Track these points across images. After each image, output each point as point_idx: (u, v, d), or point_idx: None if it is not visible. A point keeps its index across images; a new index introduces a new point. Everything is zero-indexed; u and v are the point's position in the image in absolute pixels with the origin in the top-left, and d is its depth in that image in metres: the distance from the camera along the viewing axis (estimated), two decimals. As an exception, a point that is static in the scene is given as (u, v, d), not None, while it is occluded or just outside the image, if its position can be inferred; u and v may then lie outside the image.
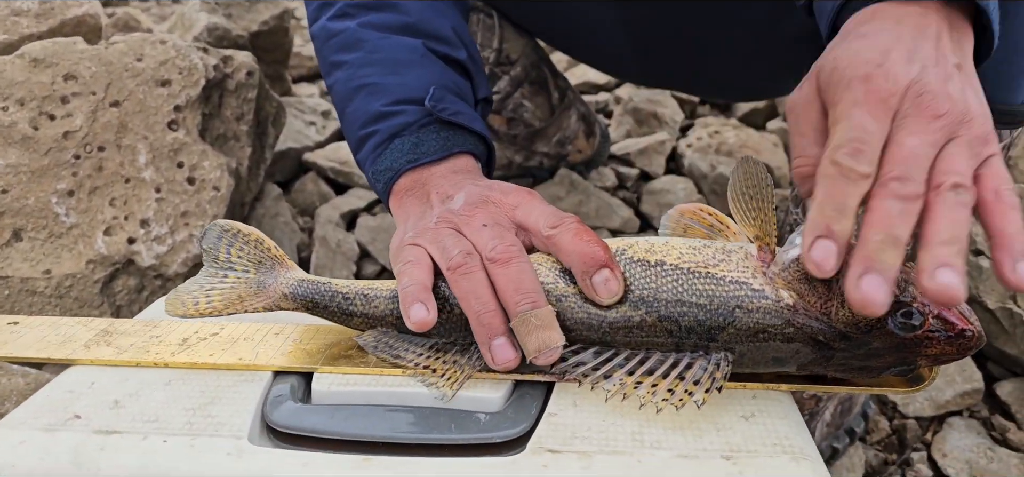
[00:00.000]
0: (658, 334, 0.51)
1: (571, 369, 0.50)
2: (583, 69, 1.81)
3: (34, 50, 1.00)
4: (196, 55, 1.04)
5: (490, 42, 1.21)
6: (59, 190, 0.96)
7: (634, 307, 0.51)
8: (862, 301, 0.41)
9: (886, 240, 0.42)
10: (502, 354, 0.51)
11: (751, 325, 0.49)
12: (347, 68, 0.73)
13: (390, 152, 0.68)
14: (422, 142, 0.68)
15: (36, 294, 0.93)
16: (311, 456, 0.46)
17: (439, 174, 0.67)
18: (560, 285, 0.53)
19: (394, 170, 0.68)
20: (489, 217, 0.57)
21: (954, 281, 0.40)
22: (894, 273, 0.42)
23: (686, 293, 0.50)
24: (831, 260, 0.43)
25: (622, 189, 1.44)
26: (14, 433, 0.47)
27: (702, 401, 0.47)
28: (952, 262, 0.41)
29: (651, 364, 0.50)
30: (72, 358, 0.55)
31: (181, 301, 0.58)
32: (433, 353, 0.53)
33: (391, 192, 0.69)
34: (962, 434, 0.99)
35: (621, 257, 0.53)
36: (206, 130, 1.07)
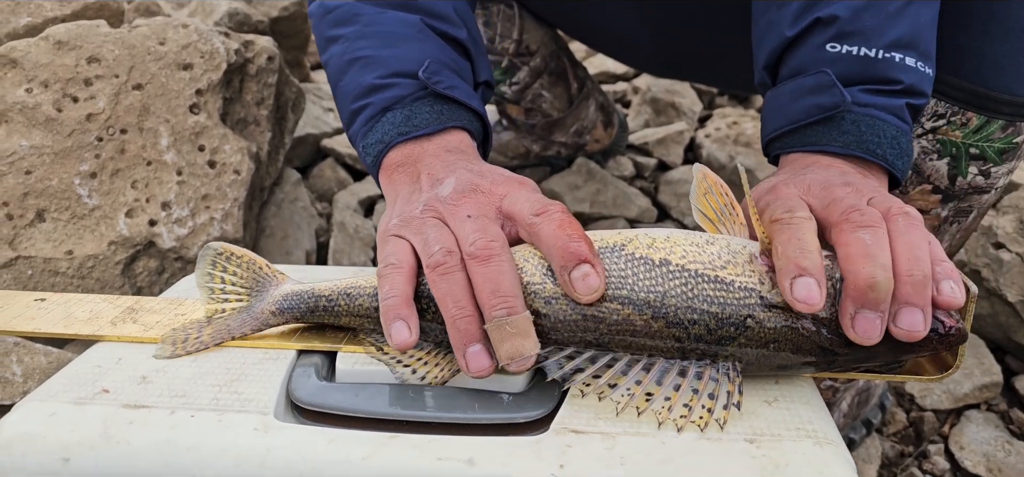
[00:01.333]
0: (664, 340, 0.49)
1: (569, 376, 0.48)
2: (602, 59, 1.80)
3: (58, 33, 1.00)
4: (218, 39, 1.05)
5: (510, 33, 1.21)
6: (82, 172, 0.97)
7: (639, 310, 0.49)
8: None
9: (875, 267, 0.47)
10: (476, 362, 0.48)
11: (762, 335, 0.48)
12: (342, 42, 0.71)
13: (382, 125, 0.66)
14: (415, 115, 0.66)
15: (58, 274, 0.94)
16: (337, 432, 0.46)
17: (431, 151, 0.64)
18: (545, 286, 0.50)
19: (385, 143, 0.65)
20: (475, 207, 0.55)
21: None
22: (886, 305, 0.46)
23: (696, 299, 0.48)
24: (814, 294, 0.46)
25: (640, 179, 1.44)
26: (45, 406, 0.48)
27: (723, 420, 0.46)
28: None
29: (656, 374, 0.48)
30: (98, 335, 0.56)
31: (173, 340, 0.55)
32: (426, 350, 0.52)
33: (381, 166, 0.66)
34: (980, 427, 0.99)
35: (621, 253, 0.51)
36: (227, 114, 1.07)
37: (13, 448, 0.45)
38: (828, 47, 0.61)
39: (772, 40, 0.65)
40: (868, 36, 0.60)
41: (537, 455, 0.44)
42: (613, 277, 0.49)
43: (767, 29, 0.66)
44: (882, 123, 0.60)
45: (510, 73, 1.25)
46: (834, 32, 0.61)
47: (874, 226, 0.48)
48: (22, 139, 0.96)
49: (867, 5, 0.60)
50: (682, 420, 0.46)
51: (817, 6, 0.62)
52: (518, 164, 1.43)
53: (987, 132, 0.68)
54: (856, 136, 0.60)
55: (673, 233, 0.52)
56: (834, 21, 0.61)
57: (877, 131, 0.60)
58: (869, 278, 0.46)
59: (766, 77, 0.67)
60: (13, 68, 0.98)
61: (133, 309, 0.59)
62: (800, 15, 0.62)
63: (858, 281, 0.46)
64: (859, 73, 0.61)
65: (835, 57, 0.61)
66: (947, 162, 0.71)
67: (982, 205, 0.75)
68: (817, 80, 0.61)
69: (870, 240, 0.47)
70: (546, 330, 0.49)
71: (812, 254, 0.47)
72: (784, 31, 0.63)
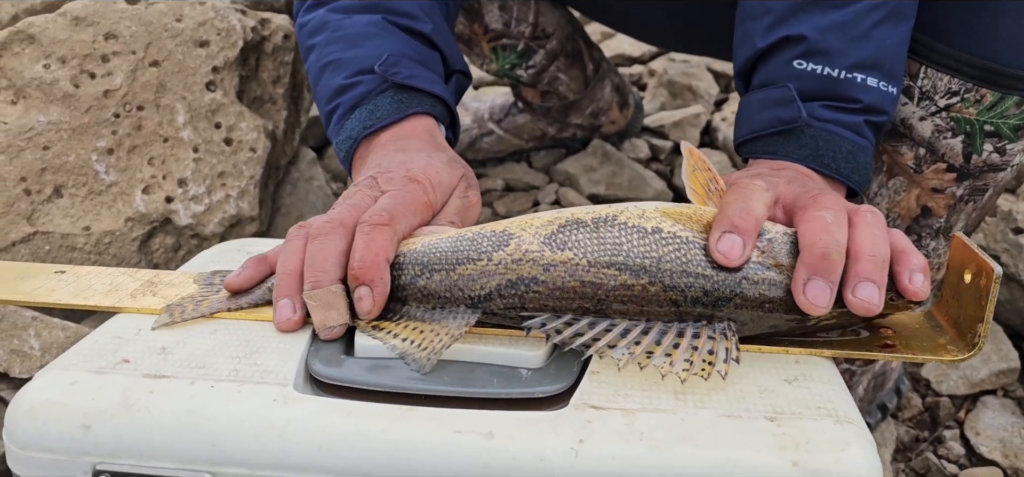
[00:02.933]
0: (662, 304, 0.50)
1: (569, 339, 0.49)
2: (618, 41, 1.79)
3: (75, 9, 1.00)
4: (234, 17, 1.05)
5: (526, 16, 1.21)
6: (99, 148, 0.97)
7: (635, 275, 0.50)
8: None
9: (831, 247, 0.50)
10: (280, 313, 0.53)
11: (756, 297, 0.50)
12: (316, 50, 0.75)
13: (350, 123, 0.70)
14: (378, 108, 0.69)
15: (76, 250, 0.95)
16: (355, 405, 0.46)
17: (383, 141, 0.68)
18: (544, 253, 0.51)
19: (353, 138, 0.69)
20: (358, 195, 0.58)
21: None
22: (837, 276, 0.49)
23: (691, 263, 0.50)
24: (736, 250, 0.49)
25: (655, 161, 1.43)
26: (66, 374, 0.48)
27: (725, 372, 0.47)
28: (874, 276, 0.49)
29: (655, 335, 0.49)
30: (118, 307, 0.56)
31: (169, 312, 0.55)
32: (423, 318, 0.53)
33: (352, 163, 0.70)
34: (996, 413, 0.98)
35: (614, 223, 0.52)
36: (243, 92, 1.07)
37: (35, 415, 0.46)
38: (795, 63, 0.65)
39: (746, 49, 0.69)
40: (833, 57, 0.64)
41: (556, 430, 0.44)
42: (608, 245, 0.51)
43: (743, 38, 0.70)
44: (839, 138, 0.64)
45: (526, 56, 1.25)
46: (802, 50, 0.65)
47: (836, 210, 0.51)
48: (40, 115, 0.96)
49: (834, 26, 0.64)
50: (685, 373, 0.46)
51: (787, 23, 0.66)
52: (533, 146, 1.42)
53: (1002, 109, 0.68)
54: (813, 150, 0.64)
55: (661, 204, 0.54)
56: (802, 40, 0.65)
57: (834, 146, 0.64)
58: (824, 247, 0.49)
59: (740, 83, 0.72)
60: (31, 44, 0.98)
61: (152, 282, 0.59)
62: (771, 29, 0.66)
63: (814, 250, 0.49)
64: (820, 90, 0.65)
65: (800, 73, 0.65)
66: (962, 140, 0.71)
67: (998, 183, 0.75)
68: (780, 93, 0.65)
69: (830, 219, 0.50)
70: (544, 297, 0.51)
71: (750, 216, 0.50)
72: (756, 42, 0.68)
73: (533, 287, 0.51)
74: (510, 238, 0.52)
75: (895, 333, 0.55)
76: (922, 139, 0.72)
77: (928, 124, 0.71)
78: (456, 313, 0.52)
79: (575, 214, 0.53)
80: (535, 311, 0.51)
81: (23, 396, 0.46)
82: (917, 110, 0.71)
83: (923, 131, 0.72)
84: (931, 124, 0.71)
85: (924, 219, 0.76)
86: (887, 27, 0.65)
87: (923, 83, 0.70)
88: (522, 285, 0.51)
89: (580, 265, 0.51)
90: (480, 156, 1.41)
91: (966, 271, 0.52)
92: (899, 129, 0.73)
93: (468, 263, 0.52)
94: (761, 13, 0.67)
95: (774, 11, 0.66)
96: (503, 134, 1.39)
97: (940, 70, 0.69)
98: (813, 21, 0.65)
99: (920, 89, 0.71)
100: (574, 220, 0.52)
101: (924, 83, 0.70)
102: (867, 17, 0.64)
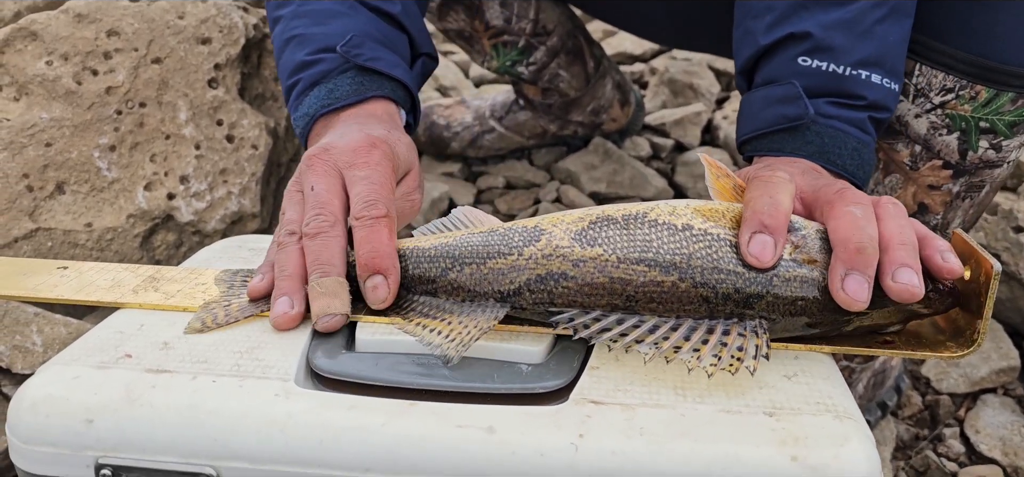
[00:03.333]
0: (693, 302, 0.50)
1: (596, 335, 0.49)
2: (619, 39, 1.79)
3: (78, 6, 1.01)
4: (236, 14, 1.05)
5: (527, 13, 1.21)
6: (101, 145, 0.97)
7: (665, 272, 0.50)
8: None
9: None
10: (277, 308, 0.53)
11: (788, 295, 0.50)
12: (282, 22, 0.74)
13: (308, 100, 0.69)
14: (337, 88, 0.69)
15: (78, 246, 0.95)
16: (356, 399, 0.46)
17: (342, 119, 0.67)
18: (574, 249, 0.51)
19: (309, 116, 0.69)
20: (320, 177, 0.58)
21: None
22: (873, 270, 0.49)
23: (722, 260, 0.50)
24: (768, 252, 0.49)
25: (656, 159, 1.43)
26: (68, 369, 0.48)
27: (753, 368, 0.46)
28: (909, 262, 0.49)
29: (684, 331, 0.49)
30: (120, 302, 0.56)
31: (202, 320, 0.54)
32: (453, 311, 0.53)
33: (308, 139, 0.70)
34: (996, 411, 0.98)
35: (643, 220, 0.52)
36: (245, 89, 1.08)
37: (38, 409, 0.46)
38: (800, 60, 0.65)
39: (748, 47, 0.69)
40: (837, 53, 0.64)
41: (556, 425, 0.45)
42: (638, 241, 0.51)
43: (744, 36, 0.70)
44: (844, 135, 0.64)
45: (527, 53, 1.25)
46: (807, 47, 0.65)
47: (863, 204, 0.51)
48: (42, 111, 0.96)
49: (838, 23, 0.64)
50: (713, 367, 0.46)
51: (791, 21, 0.66)
52: (534, 144, 1.43)
53: (997, 105, 0.68)
54: (818, 146, 0.64)
55: (692, 201, 0.54)
56: (807, 37, 0.65)
57: (839, 142, 0.64)
58: (858, 242, 0.49)
59: (742, 81, 0.71)
60: (33, 41, 0.99)
61: (154, 278, 0.59)
62: (774, 26, 0.66)
63: (849, 245, 0.49)
64: (826, 87, 0.65)
65: (805, 70, 0.65)
66: (957, 137, 0.71)
67: (995, 179, 0.75)
68: (785, 91, 0.65)
69: (860, 213, 0.50)
70: (573, 292, 0.51)
71: (779, 212, 0.50)
72: (759, 39, 0.67)
73: (563, 282, 0.51)
74: (541, 233, 0.53)
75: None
76: (918, 136, 0.72)
77: (923, 121, 0.71)
78: (485, 306, 0.52)
79: (606, 211, 0.53)
80: (564, 306, 0.51)
81: (26, 390, 0.47)
82: (912, 107, 0.72)
83: (919, 128, 0.72)
84: (926, 121, 0.71)
85: (920, 216, 0.77)
86: (889, 24, 0.65)
87: (918, 80, 0.70)
88: (551, 280, 0.51)
89: (610, 261, 0.51)
90: (481, 154, 1.41)
91: (966, 267, 0.52)
92: (895, 126, 0.74)
93: (499, 257, 0.53)
94: (763, 11, 0.67)
95: (776, 9, 0.66)
96: (504, 132, 1.39)
97: (935, 67, 0.69)
98: (816, 18, 0.65)
99: (915, 86, 0.71)
100: (605, 217, 0.53)
101: (919, 80, 0.70)
102: (870, 14, 0.64)
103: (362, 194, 0.56)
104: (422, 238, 0.57)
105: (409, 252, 0.55)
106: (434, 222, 0.60)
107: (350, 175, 0.58)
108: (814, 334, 0.52)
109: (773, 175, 0.53)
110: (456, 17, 1.20)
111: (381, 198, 0.56)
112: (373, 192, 0.56)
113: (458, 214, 0.59)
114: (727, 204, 0.54)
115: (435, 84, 1.68)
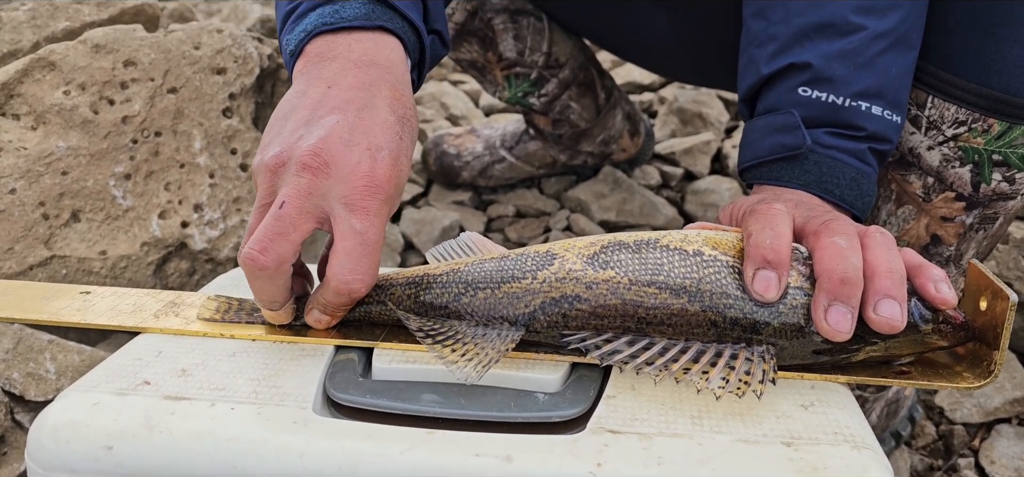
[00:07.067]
0: (702, 326, 0.51)
1: (608, 356, 0.49)
2: (628, 69, 1.81)
3: (96, 36, 1.02)
4: (251, 44, 1.06)
5: (540, 46, 1.22)
6: (117, 173, 0.98)
7: (676, 295, 0.51)
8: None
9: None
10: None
11: (794, 322, 0.50)
12: None
13: (308, 18, 0.60)
14: (344, 8, 0.59)
15: (92, 274, 0.96)
16: (374, 428, 0.47)
17: (352, 55, 0.58)
18: (586, 272, 0.52)
19: (307, 32, 0.59)
20: (296, 198, 0.51)
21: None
22: (857, 301, 0.49)
23: (731, 285, 0.51)
24: (772, 289, 0.50)
25: (666, 188, 1.44)
26: (87, 396, 0.49)
27: (760, 392, 0.47)
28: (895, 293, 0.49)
29: (693, 353, 0.50)
30: (142, 326, 0.56)
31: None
32: (470, 336, 0.53)
33: (301, 54, 0.60)
34: (1011, 441, 0.98)
35: (655, 246, 0.53)
36: (259, 118, 1.09)
37: (58, 435, 0.46)
38: (800, 90, 0.65)
39: (751, 76, 0.69)
40: (837, 84, 0.65)
41: (574, 454, 0.45)
42: (649, 265, 0.52)
43: (747, 64, 0.70)
44: (842, 165, 0.64)
45: (539, 85, 1.26)
46: (807, 77, 0.65)
47: (849, 234, 0.52)
48: (59, 140, 0.97)
49: (839, 55, 0.65)
50: (720, 390, 0.47)
51: (792, 50, 0.66)
52: (544, 173, 1.43)
53: (1010, 138, 0.68)
54: (817, 176, 0.64)
55: (705, 231, 0.55)
56: (807, 67, 0.65)
57: (837, 172, 0.64)
58: (842, 272, 0.49)
59: (745, 109, 0.72)
60: (51, 71, 1.00)
61: (175, 303, 0.60)
62: (776, 55, 0.67)
63: (832, 275, 0.49)
64: (825, 117, 0.65)
65: (805, 101, 0.65)
66: (970, 169, 0.71)
67: (1008, 211, 0.75)
68: (784, 120, 0.65)
69: (844, 244, 0.51)
70: (586, 315, 0.52)
71: (781, 245, 0.51)
72: (761, 68, 0.68)
73: (576, 304, 0.52)
74: (554, 258, 0.54)
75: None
76: (930, 168, 0.73)
77: (936, 153, 0.72)
78: (500, 329, 0.53)
79: (618, 237, 0.54)
80: (577, 329, 0.52)
81: (46, 417, 0.47)
82: (925, 139, 0.72)
83: (931, 160, 0.72)
84: (939, 153, 0.71)
85: (934, 247, 0.76)
86: (891, 56, 0.66)
87: (930, 113, 0.71)
88: (565, 303, 0.52)
89: (621, 283, 0.51)
90: (492, 183, 1.42)
91: (982, 298, 0.52)
92: (907, 158, 0.74)
93: (513, 281, 0.53)
94: (766, 40, 0.68)
95: (779, 38, 0.67)
96: (515, 161, 1.40)
97: (947, 100, 0.69)
98: (818, 49, 0.65)
99: (927, 118, 0.71)
100: (617, 242, 0.54)
101: (931, 112, 0.71)
102: (871, 46, 0.65)
103: (344, 266, 0.51)
104: (435, 264, 0.57)
105: (422, 278, 0.56)
106: (444, 245, 0.60)
107: (339, 213, 0.51)
108: (825, 362, 0.52)
109: (771, 208, 0.54)
110: (469, 48, 1.21)
111: (362, 280, 0.52)
112: (356, 271, 0.51)
113: (466, 239, 0.60)
114: (738, 234, 0.55)
115: (445, 113, 1.69)
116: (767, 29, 0.68)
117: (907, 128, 0.73)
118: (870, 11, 0.65)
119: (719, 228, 0.56)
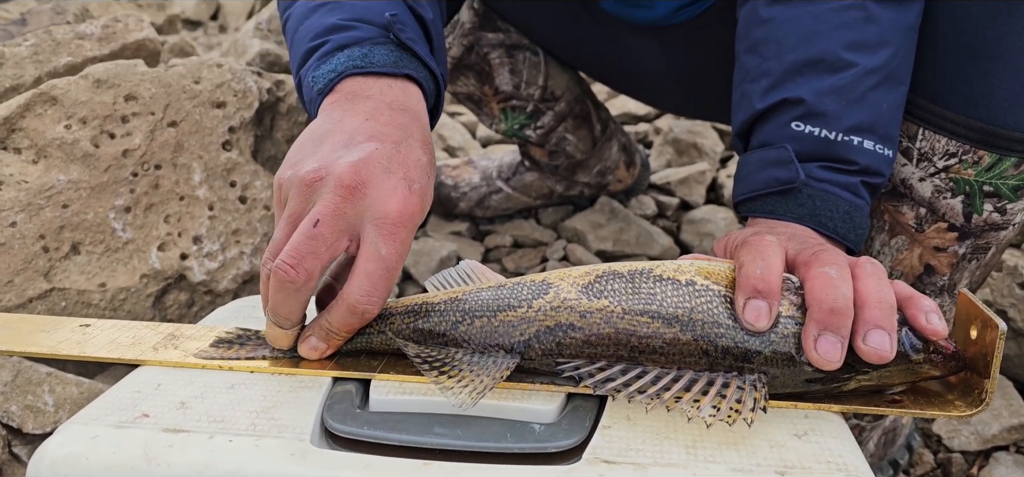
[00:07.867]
0: (694, 354, 0.51)
1: (600, 384, 0.50)
2: (623, 100, 1.82)
3: (97, 71, 1.03)
4: (251, 78, 1.08)
5: (536, 79, 1.23)
6: (117, 206, 0.99)
7: (668, 324, 0.51)
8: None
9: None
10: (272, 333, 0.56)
11: (785, 351, 0.51)
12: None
13: (336, 58, 0.64)
14: (373, 54, 0.63)
15: (91, 306, 0.96)
16: (372, 459, 0.47)
17: (376, 91, 0.61)
18: (581, 301, 0.53)
19: (338, 72, 0.63)
20: (331, 219, 0.53)
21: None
22: (847, 330, 0.50)
23: (723, 315, 0.51)
24: (763, 318, 0.50)
25: (662, 218, 1.45)
26: (86, 429, 0.49)
27: (751, 420, 0.47)
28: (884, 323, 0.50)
29: (685, 382, 0.50)
30: (141, 359, 0.57)
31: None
32: (465, 361, 0.54)
33: (331, 91, 0.63)
34: (1009, 469, 0.98)
35: (648, 276, 0.54)
36: (258, 151, 1.10)
37: (57, 469, 0.46)
38: (793, 125, 0.67)
39: (745, 110, 0.70)
40: (829, 119, 0.66)
41: (570, 483, 0.45)
42: (643, 294, 0.53)
43: (741, 99, 0.71)
44: (835, 198, 0.65)
45: (535, 117, 1.27)
46: (800, 112, 0.66)
47: (839, 265, 0.52)
48: (60, 174, 0.98)
49: (831, 90, 0.66)
50: (711, 418, 0.47)
51: (785, 86, 0.67)
52: (541, 204, 1.44)
53: (1000, 169, 0.69)
54: (810, 209, 0.65)
55: (698, 262, 0.55)
56: (800, 103, 0.66)
57: (830, 206, 0.65)
58: (832, 302, 0.50)
59: (739, 143, 0.73)
60: (53, 105, 1.01)
61: (174, 335, 0.60)
62: (769, 91, 0.68)
63: (822, 306, 0.50)
64: (817, 151, 0.66)
65: (798, 135, 0.66)
66: (961, 200, 0.72)
67: (1000, 241, 0.75)
68: (778, 154, 0.66)
69: (835, 274, 0.51)
70: (580, 343, 0.52)
71: (771, 275, 0.51)
72: (755, 103, 0.69)
73: (570, 333, 0.53)
74: (549, 287, 0.54)
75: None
76: (922, 199, 0.73)
77: (928, 185, 0.72)
78: (496, 357, 0.53)
79: (613, 267, 0.55)
80: (572, 357, 0.53)
81: (46, 450, 0.47)
82: (916, 171, 0.73)
83: (923, 191, 0.73)
84: (930, 185, 0.72)
85: (927, 277, 0.77)
86: (882, 92, 0.67)
87: (921, 145, 0.72)
88: (560, 331, 0.53)
89: (615, 312, 0.52)
90: (489, 214, 1.43)
91: (972, 327, 0.52)
92: (900, 189, 0.75)
93: (509, 310, 0.54)
94: (759, 75, 0.69)
95: (772, 74, 0.68)
96: (511, 192, 1.41)
97: (938, 132, 0.70)
98: (810, 85, 0.66)
99: (918, 150, 0.72)
100: (611, 272, 0.55)
101: (922, 144, 0.72)
102: (863, 81, 0.66)
103: (363, 287, 0.53)
104: (434, 293, 0.58)
105: (421, 306, 0.56)
106: (443, 274, 0.61)
107: (369, 235, 0.53)
108: (817, 390, 0.52)
109: (762, 240, 0.55)
110: (466, 81, 1.23)
111: (377, 304, 0.54)
112: (374, 294, 0.53)
113: (465, 267, 0.61)
114: (730, 265, 0.55)
115: (442, 144, 1.71)
116: (760, 65, 0.69)
117: (899, 160, 0.74)
118: (860, 48, 0.66)
119: (712, 259, 0.57)
